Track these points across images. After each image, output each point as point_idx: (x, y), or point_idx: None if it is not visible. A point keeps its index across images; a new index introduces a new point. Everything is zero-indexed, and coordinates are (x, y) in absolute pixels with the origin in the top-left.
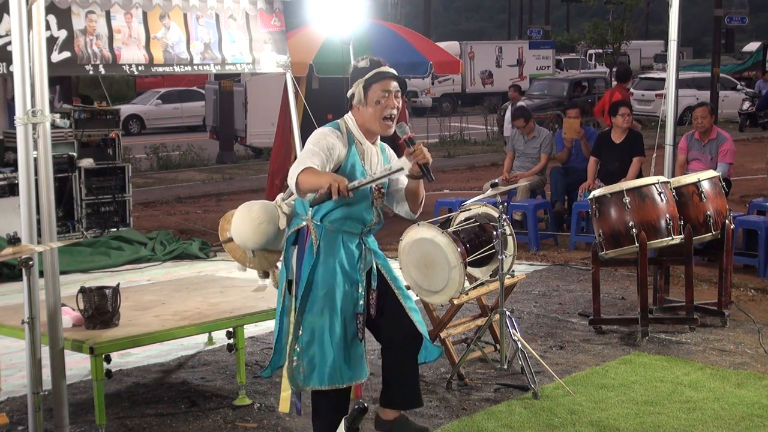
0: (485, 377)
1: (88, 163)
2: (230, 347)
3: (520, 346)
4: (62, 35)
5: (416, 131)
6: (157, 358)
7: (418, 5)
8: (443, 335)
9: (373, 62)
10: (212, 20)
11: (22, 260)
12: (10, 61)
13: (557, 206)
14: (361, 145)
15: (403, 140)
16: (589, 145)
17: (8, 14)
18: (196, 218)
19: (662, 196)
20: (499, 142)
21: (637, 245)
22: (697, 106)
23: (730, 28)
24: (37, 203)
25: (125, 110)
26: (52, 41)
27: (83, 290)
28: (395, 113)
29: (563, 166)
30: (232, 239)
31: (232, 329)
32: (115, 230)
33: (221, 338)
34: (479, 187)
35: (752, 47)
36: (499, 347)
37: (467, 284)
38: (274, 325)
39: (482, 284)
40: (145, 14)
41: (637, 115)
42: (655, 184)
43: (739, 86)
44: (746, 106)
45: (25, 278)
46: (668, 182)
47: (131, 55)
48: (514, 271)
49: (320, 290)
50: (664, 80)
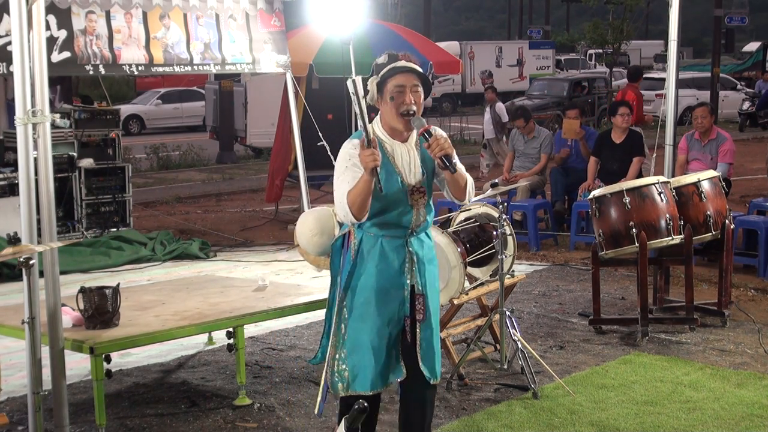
0: (485, 377)
1: (88, 163)
2: (230, 347)
3: (520, 346)
4: (62, 35)
5: None
6: (157, 358)
7: (418, 5)
8: (443, 335)
9: (391, 57)
10: (212, 20)
11: (22, 260)
12: (10, 61)
13: (557, 206)
14: (388, 145)
15: (419, 134)
16: (588, 145)
17: (8, 14)
18: (196, 218)
19: (662, 196)
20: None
21: (637, 245)
22: (697, 106)
23: (730, 28)
24: (37, 203)
25: (125, 110)
26: (52, 41)
27: (83, 290)
28: (413, 109)
29: (563, 166)
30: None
31: (232, 329)
32: (115, 230)
33: (221, 338)
34: (479, 187)
35: (752, 47)
36: (499, 347)
37: (467, 284)
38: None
39: (482, 284)
40: (145, 14)
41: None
42: (655, 184)
43: (739, 86)
44: (746, 106)
45: (25, 278)
46: (668, 182)
47: (131, 55)
48: (514, 271)
49: (360, 296)
50: (664, 80)
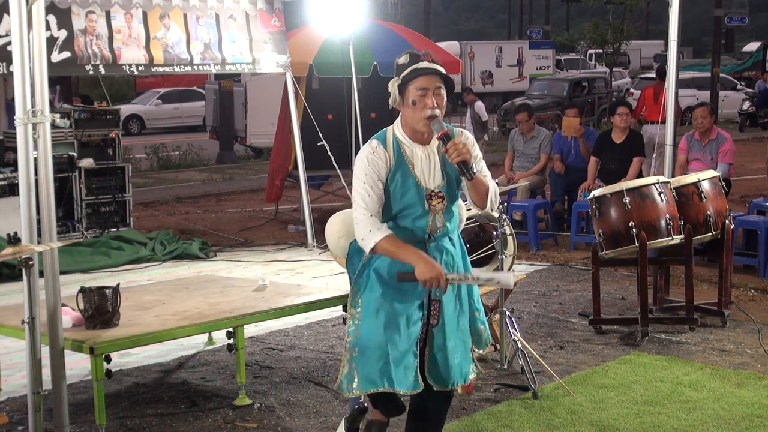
0: (485, 377)
1: (88, 163)
2: (230, 347)
3: (520, 346)
4: (62, 35)
5: None
6: (157, 358)
7: (418, 5)
8: None
9: (412, 57)
10: (212, 20)
11: (22, 260)
12: (10, 61)
13: (557, 206)
14: (407, 147)
15: (438, 137)
16: (588, 145)
17: (8, 14)
18: (196, 218)
19: (662, 196)
20: (499, 142)
21: (637, 245)
22: (697, 106)
23: (730, 28)
24: (37, 203)
25: (125, 110)
26: (52, 41)
27: (83, 290)
28: (437, 113)
29: (563, 163)
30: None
31: (232, 329)
32: (115, 230)
33: (221, 338)
34: None
35: (752, 47)
36: (499, 347)
37: None
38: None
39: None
40: (145, 14)
41: None
42: (655, 184)
43: (739, 86)
44: (746, 106)
45: (25, 278)
46: (668, 182)
47: (131, 55)
48: (514, 271)
49: (374, 293)
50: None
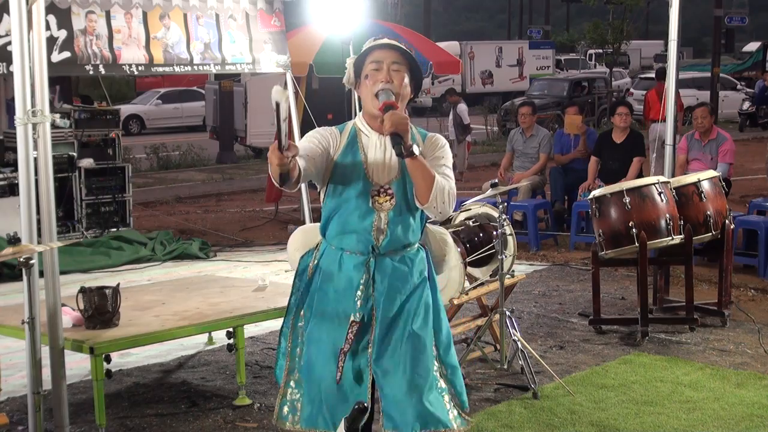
0: (485, 377)
1: (88, 163)
2: (230, 347)
3: (520, 346)
4: (62, 35)
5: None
6: (157, 358)
7: (418, 5)
8: None
9: (376, 39)
10: (212, 20)
11: (22, 260)
12: (10, 61)
13: (557, 206)
14: (366, 136)
15: (379, 108)
16: (588, 145)
17: (8, 14)
18: (196, 218)
19: (662, 196)
20: (498, 142)
21: (637, 245)
22: (697, 106)
23: (730, 28)
24: (37, 203)
25: (125, 110)
26: (52, 41)
27: (83, 290)
28: (389, 87)
29: (563, 166)
30: None
31: (232, 329)
32: (115, 230)
33: (221, 338)
34: (479, 187)
35: (752, 47)
36: (499, 347)
37: (467, 284)
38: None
39: (482, 284)
40: (145, 14)
41: (637, 115)
42: (655, 184)
43: (739, 86)
44: (746, 106)
45: (25, 278)
46: (668, 182)
47: (131, 55)
48: (514, 271)
49: (313, 319)
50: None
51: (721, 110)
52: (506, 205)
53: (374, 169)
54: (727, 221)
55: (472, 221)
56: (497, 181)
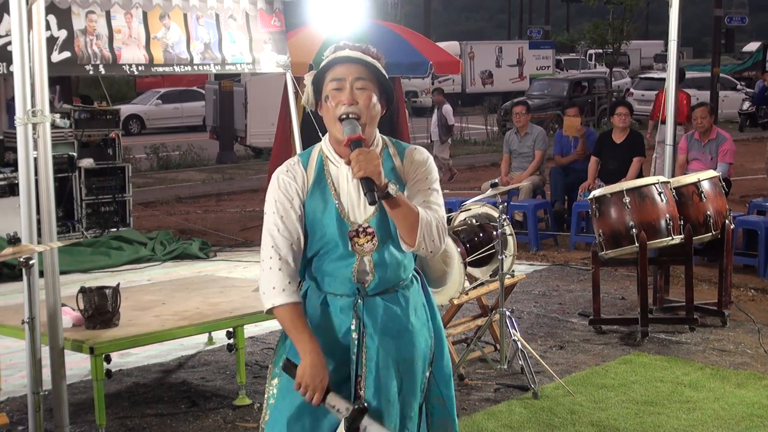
0: (485, 377)
1: (88, 163)
2: (230, 347)
3: (520, 346)
4: (62, 35)
5: (416, 131)
6: (157, 358)
7: (418, 5)
8: None
9: (338, 47)
10: (212, 20)
11: (22, 260)
12: (10, 61)
13: (557, 206)
14: (335, 166)
15: (345, 143)
16: (587, 145)
17: (8, 14)
18: (196, 218)
19: (662, 196)
20: (498, 142)
21: (637, 245)
22: (696, 106)
23: (730, 28)
24: (37, 203)
25: (125, 110)
26: (52, 41)
27: (83, 290)
28: (352, 111)
29: (563, 166)
30: None
31: (232, 329)
32: (115, 230)
33: (221, 338)
34: (479, 187)
35: (752, 47)
36: (499, 347)
37: (467, 284)
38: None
39: (482, 284)
40: (145, 14)
41: (637, 115)
42: (655, 184)
43: (739, 86)
44: (746, 106)
45: (25, 278)
46: (668, 182)
47: (131, 55)
48: (514, 271)
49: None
50: (664, 80)
51: (721, 110)
52: (506, 205)
53: (349, 206)
54: (727, 221)
55: (472, 221)
56: (497, 181)
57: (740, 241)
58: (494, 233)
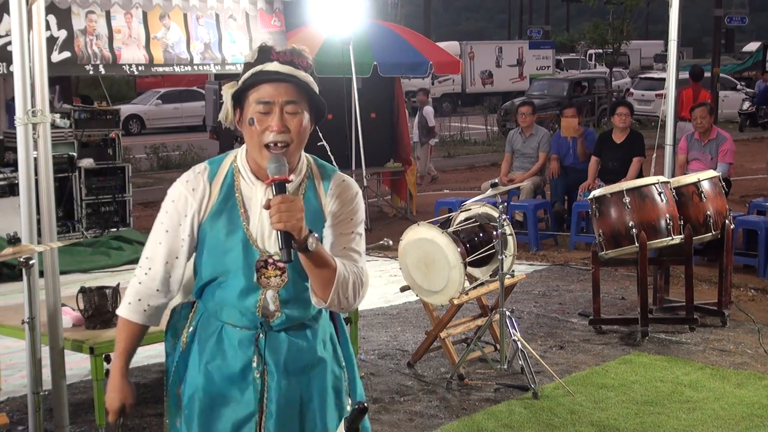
0: (485, 377)
1: (88, 163)
2: None
3: (520, 346)
4: (62, 35)
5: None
6: (157, 358)
7: (418, 5)
8: (443, 335)
9: (261, 53)
10: (212, 20)
11: (22, 260)
12: (10, 61)
13: (557, 206)
14: (248, 186)
15: (266, 183)
16: (586, 145)
17: (8, 14)
18: None
19: (662, 196)
20: (498, 142)
21: (637, 245)
22: (696, 106)
23: (730, 28)
24: (37, 203)
25: (125, 110)
26: (52, 41)
27: (83, 290)
28: (284, 140)
29: (562, 166)
30: None
31: None
32: (115, 230)
33: None
34: (479, 187)
35: (752, 47)
36: (499, 347)
37: (467, 284)
38: None
39: (482, 284)
40: (145, 14)
41: (637, 115)
42: (655, 184)
43: (739, 86)
44: (746, 106)
45: (25, 278)
46: (668, 182)
47: (131, 55)
48: (514, 271)
49: (190, 400)
50: (664, 80)
51: (721, 110)
52: (506, 205)
53: (259, 233)
54: (727, 221)
55: (472, 221)
56: (497, 181)
57: (740, 241)
58: (494, 233)
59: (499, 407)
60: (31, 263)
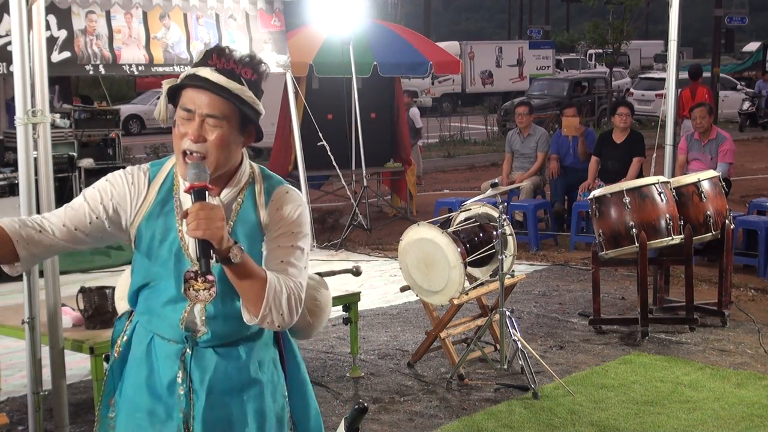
0: (485, 377)
1: (88, 163)
2: None
3: (520, 346)
4: (62, 35)
5: None
6: None
7: (418, 5)
8: (443, 335)
9: (204, 55)
10: (212, 20)
11: None
12: (10, 61)
13: (557, 206)
14: (186, 194)
15: (185, 190)
16: (587, 145)
17: (8, 14)
18: None
19: (662, 196)
20: (498, 142)
21: (637, 245)
22: (696, 106)
23: (730, 28)
24: (37, 203)
25: (125, 110)
26: (52, 41)
27: (83, 290)
28: (199, 150)
29: (561, 166)
30: None
31: None
32: None
33: None
34: (479, 187)
35: (752, 47)
36: (499, 347)
37: (467, 284)
38: None
39: (482, 284)
40: (145, 14)
41: (637, 115)
42: (655, 184)
43: (739, 86)
44: (746, 106)
45: (25, 278)
46: (668, 182)
47: (131, 55)
48: (514, 271)
49: (122, 412)
50: (664, 80)
51: (721, 110)
52: (506, 205)
53: (192, 242)
54: (727, 221)
55: (472, 221)
56: (498, 181)
57: (740, 241)
58: (494, 233)
59: (499, 407)
60: None
